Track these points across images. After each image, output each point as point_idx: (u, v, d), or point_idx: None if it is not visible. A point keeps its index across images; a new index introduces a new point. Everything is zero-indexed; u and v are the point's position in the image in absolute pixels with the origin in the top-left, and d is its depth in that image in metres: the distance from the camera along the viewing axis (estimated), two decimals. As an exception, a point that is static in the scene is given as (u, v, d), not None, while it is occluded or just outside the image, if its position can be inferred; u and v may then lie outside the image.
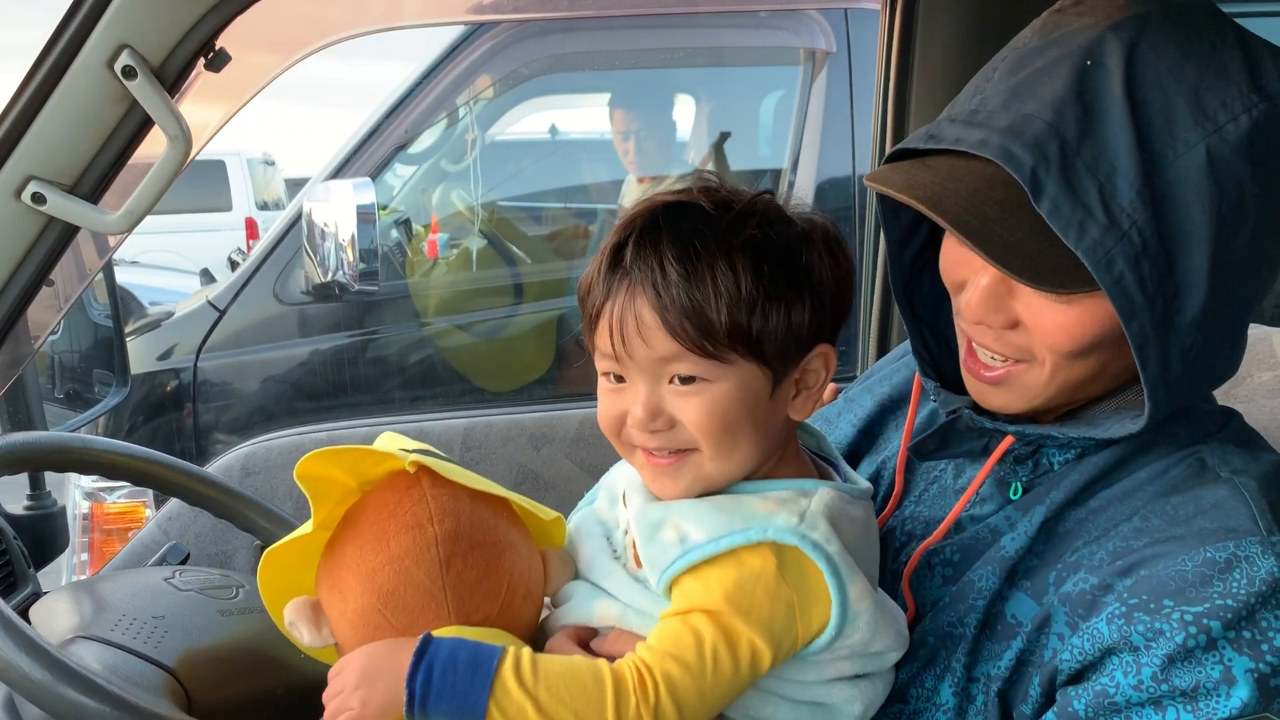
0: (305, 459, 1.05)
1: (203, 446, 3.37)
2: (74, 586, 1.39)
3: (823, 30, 3.67)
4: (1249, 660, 0.91)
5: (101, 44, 1.14)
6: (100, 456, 1.49)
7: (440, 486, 1.06)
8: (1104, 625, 0.96)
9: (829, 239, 1.03)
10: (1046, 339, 1.03)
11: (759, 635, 0.96)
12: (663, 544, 1.01)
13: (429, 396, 3.66)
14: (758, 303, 0.97)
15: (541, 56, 3.77)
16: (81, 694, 1.06)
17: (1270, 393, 1.35)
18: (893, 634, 1.04)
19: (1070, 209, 0.95)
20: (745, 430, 1.00)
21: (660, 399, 1.00)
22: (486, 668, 0.94)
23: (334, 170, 3.58)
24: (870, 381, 1.39)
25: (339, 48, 1.62)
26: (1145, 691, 0.93)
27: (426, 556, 1.03)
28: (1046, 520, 1.07)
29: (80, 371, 2.71)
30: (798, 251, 1.01)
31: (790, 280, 0.99)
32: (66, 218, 1.21)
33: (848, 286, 1.04)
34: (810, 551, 0.98)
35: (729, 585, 0.97)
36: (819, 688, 1.03)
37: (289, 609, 1.08)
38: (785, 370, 1.02)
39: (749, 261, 0.97)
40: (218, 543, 2.09)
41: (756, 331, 0.98)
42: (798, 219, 1.03)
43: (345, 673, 0.99)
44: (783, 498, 1.02)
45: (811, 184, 3.70)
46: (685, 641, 0.96)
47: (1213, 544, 0.96)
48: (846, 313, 1.05)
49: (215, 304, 3.50)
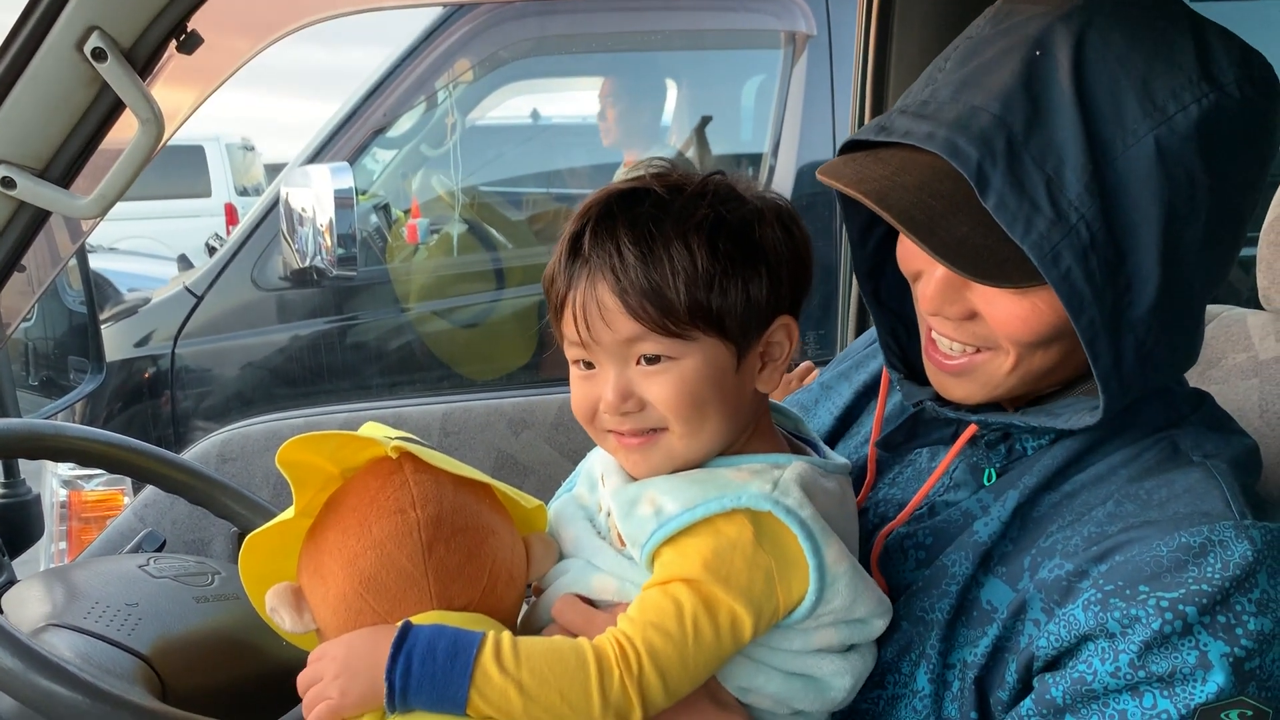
0: (287, 445, 1.04)
1: (180, 433, 3.35)
2: (47, 574, 1.39)
3: (803, 13, 3.67)
4: (1224, 645, 0.92)
5: (70, 26, 1.12)
6: (73, 443, 1.48)
7: (423, 472, 1.06)
8: (1080, 612, 0.97)
9: (782, 214, 1.05)
10: (1003, 329, 1.03)
11: (739, 602, 0.97)
12: (640, 519, 1.02)
13: (408, 382, 3.65)
14: (715, 279, 0.99)
15: (521, 39, 3.75)
16: (53, 682, 1.05)
17: (1244, 374, 1.35)
18: (874, 599, 1.04)
19: (1017, 203, 0.95)
20: (713, 405, 1.02)
21: (629, 381, 1.02)
22: (466, 655, 0.94)
23: (311, 155, 3.56)
24: (845, 367, 1.39)
25: (320, 32, 1.61)
26: (1123, 679, 0.94)
27: (409, 541, 1.03)
28: (1020, 505, 1.07)
29: (55, 358, 2.69)
30: (751, 227, 1.02)
31: (745, 256, 1.01)
32: (37, 202, 1.20)
33: (804, 259, 1.06)
34: (784, 516, 0.99)
35: (707, 554, 0.98)
36: (808, 658, 1.04)
37: (270, 594, 1.08)
38: (748, 343, 1.03)
39: (704, 240, 0.99)
40: (194, 530, 2.09)
41: (716, 307, 1.00)
42: (750, 197, 1.04)
43: (324, 661, 0.99)
44: (756, 469, 1.03)
45: (792, 168, 3.70)
46: (666, 611, 0.97)
47: (1186, 528, 0.96)
48: (806, 285, 1.07)
49: (193, 290, 3.47)
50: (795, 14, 3.68)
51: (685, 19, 4.00)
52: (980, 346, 1.06)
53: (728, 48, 4.20)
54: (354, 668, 0.97)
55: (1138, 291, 0.97)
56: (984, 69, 1.00)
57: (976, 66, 1.01)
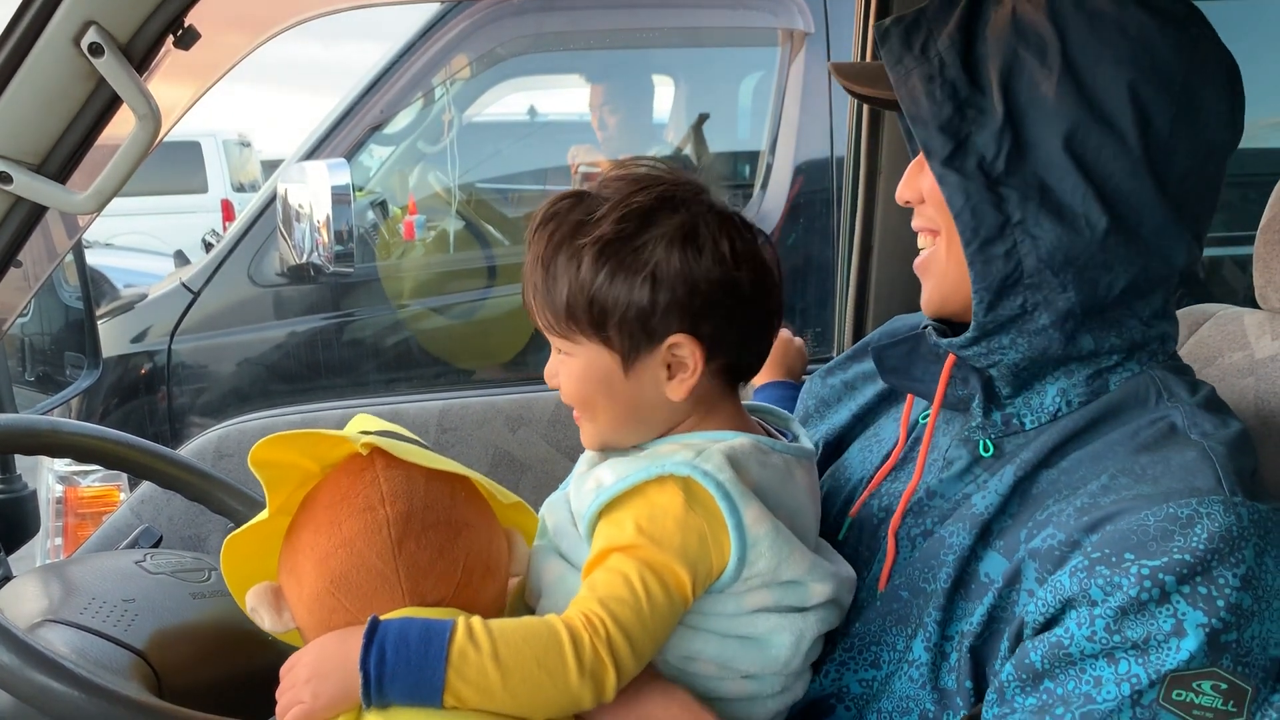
0: (260, 445, 1.04)
1: (177, 429, 3.35)
2: (43, 570, 1.39)
3: (801, 11, 3.66)
4: (1202, 615, 0.93)
5: (67, 20, 1.12)
6: (69, 439, 1.48)
7: (394, 468, 1.06)
8: (1066, 577, 0.98)
9: (688, 236, 1.07)
10: (932, 198, 1.12)
11: (676, 562, 1.02)
12: (584, 494, 1.09)
13: (405, 379, 3.65)
14: (594, 290, 1.06)
15: (519, 36, 3.75)
16: (49, 677, 1.05)
17: (1240, 373, 1.35)
18: (804, 562, 1.07)
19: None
20: (602, 402, 1.10)
21: (554, 365, 1.14)
22: (440, 639, 0.96)
23: (309, 151, 3.55)
24: (869, 369, 1.39)
25: (318, 29, 1.60)
26: (1098, 643, 0.95)
27: (378, 538, 1.03)
28: (1019, 480, 1.08)
29: (51, 354, 2.69)
30: (644, 247, 1.06)
31: (630, 273, 1.06)
32: (34, 197, 1.20)
33: (714, 284, 1.07)
34: (701, 479, 1.03)
35: (640, 519, 1.03)
36: (742, 619, 1.07)
37: (250, 595, 1.08)
38: (636, 353, 1.08)
39: (593, 254, 1.06)
40: (191, 526, 2.08)
41: (595, 316, 1.07)
42: (664, 219, 1.07)
43: (296, 667, 1.01)
44: (692, 443, 1.09)
45: (789, 165, 3.70)
46: (614, 582, 1.01)
47: (1176, 501, 0.97)
48: (714, 308, 1.08)
49: (189, 286, 3.47)
50: (793, 11, 3.68)
51: (683, 16, 4.00)
52: (931, 228, 1.15)
53: (725, 45, 4.20)
54: (324, 670, 0.99)
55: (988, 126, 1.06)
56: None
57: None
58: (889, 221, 2.08)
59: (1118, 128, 1.03)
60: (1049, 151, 1.04)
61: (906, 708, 1.08)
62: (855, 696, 1.11)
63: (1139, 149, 1.03)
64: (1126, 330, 1.10)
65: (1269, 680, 0.94)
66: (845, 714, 1.12)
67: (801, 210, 3.69)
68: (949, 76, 1.07)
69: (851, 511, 1.24)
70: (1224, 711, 0.92)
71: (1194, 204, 1.08)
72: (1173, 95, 1.04)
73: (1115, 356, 1.10)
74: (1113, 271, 1.06)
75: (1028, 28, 1.06)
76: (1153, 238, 1.06)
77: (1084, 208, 1.04)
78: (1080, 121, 1.03)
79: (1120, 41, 1.04)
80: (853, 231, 2.14)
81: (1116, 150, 1.03)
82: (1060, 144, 1.04)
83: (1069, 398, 1.11)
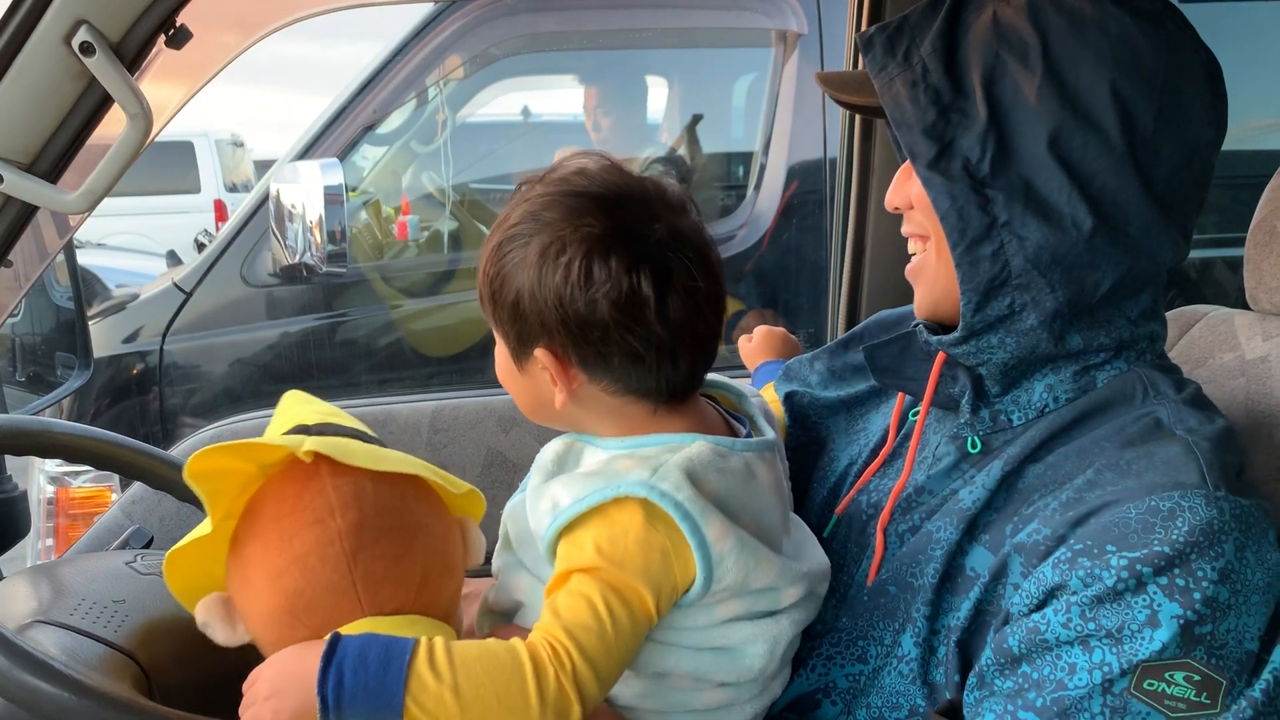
0: (194, 457, 1.02)
1: (169, 430, 3.34)
2: (33, 571, 1.38)
3: (794, 12, 3.67)
4: (1177, 606, 0.93)
5: (58, 19, 1.12)
6: (59, 439, 1.48)
7: (342, 475, 1.03)
8: (1049, 569, 0.99)
9: (546, 254, 1.04)
10: (920, 204, 1.13)
11: (638, 582, 1.00)
12: (540, 514, 1.06)
13: (397, 379, 3.64)
14: (485, 283, 1.10)
15: (512, 36, 3.75)
16: (38, 678, 1.04)
17: (1230, 374, 1.36)
18: (774, 569, 1.05)
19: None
20: (512, 389, 1.14)
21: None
22: (399, 663, 0.94)
23: (301, 151, 3.55)
24: (859, 362, 1.39)
25: (310, 28, 1.60)
26: (1074, 630, 0.95)
27: (331, 553, 1.01)
28: (1006, 475, 1.09)
29: (42, 354, 2.68)
30: (516, 254, 1.07)
31: (507, 276, 1.07)
32: (24, 197, 1.19)
33: (593, 307, 1.02)
34: (659, 500, 1.01)
35: (601, 541, 1.01)
36: (715, 631, 1.06)
37: (200, 609, 1.06)
38: (519, 352, 1.09)
39: (491, 249, 1.09)
40: (181, 526, 2.08)
41: (489, 307, 1.10)
42: (544, 231, 1.05)
43: (257, 683, 0.99)
44: (647, 454, 1.05)
45: (783, 166, 3.70)
46: (578, 606, 0.99)
47: (1159, 494, 0.98)
48: (586, 330, 1.04)
49: (181, 286, 3.46)
50: (786, 12, 3.68)
51: (677, 17, 3.99)
52: (921, 234, 1.15)
53: (719, 46, 4.20)
54: (283, 687, 0.97)
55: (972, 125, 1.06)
56: None
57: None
58: (881, 223, 2.09)
59: (1101, 127, 1.04)
60: (1034, 152, 1.04)
61: (896, 703, 1.08)
62: (842, 691, 1.11)
63: (1123, 147, 1.04)
64: (1115, 329, 1.10)
65: (1244, 674, 0.94)
66: (832, 709, 1.12)
67: (795, 210, 3.70)
68: (932, 81, 1.08)
69: (839, 509, 1.24)
70: (1197, 703, 0.92)
71: (1180, 202, 1.08)
72: (1154, 93, 1.04)
73: (1103, 354, 1.11)
74: (1100, 270, 1.06)
75: (1009, 31, 1.06)
76: (1139, 236, 1.06)
77: (1070, 207, 1.04)
78: (1064, 122, 1.04)
79: (1101, 41, 1.04)
80: (845, 232, 2.14)
81: (1100, 149, 1.04)
82: (1045, 145, 1.04)
83: (1056, 394, 1.11)
